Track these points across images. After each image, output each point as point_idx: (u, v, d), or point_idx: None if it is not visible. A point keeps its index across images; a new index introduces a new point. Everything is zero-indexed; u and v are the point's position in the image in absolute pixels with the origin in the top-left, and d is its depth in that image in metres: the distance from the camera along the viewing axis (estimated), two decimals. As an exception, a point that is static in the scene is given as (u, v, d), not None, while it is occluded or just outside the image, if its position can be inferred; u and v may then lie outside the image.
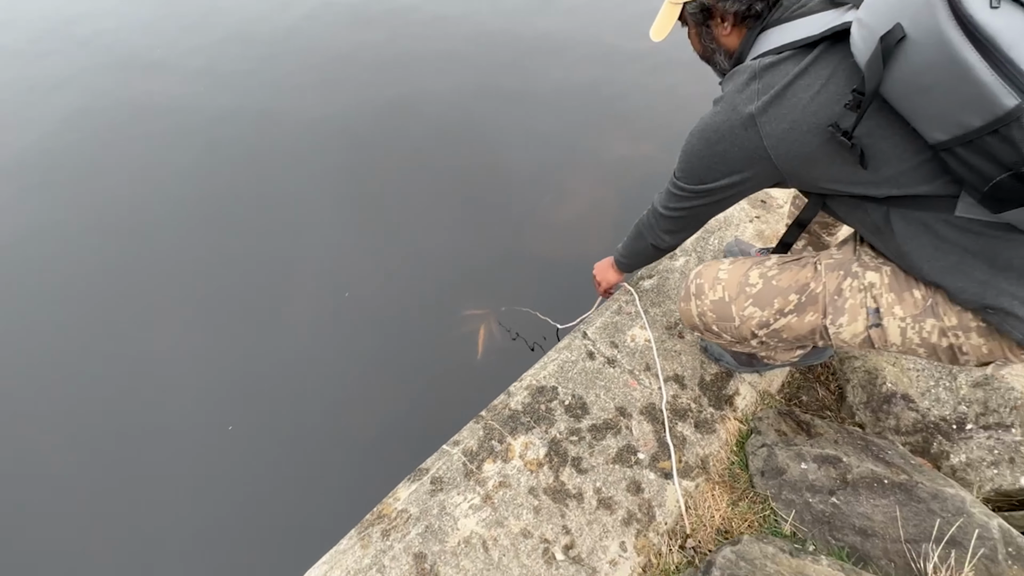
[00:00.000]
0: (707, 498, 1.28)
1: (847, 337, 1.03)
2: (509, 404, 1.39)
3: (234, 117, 3.00)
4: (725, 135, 0.92)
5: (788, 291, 1.06)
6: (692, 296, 1.18)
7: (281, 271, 2.21)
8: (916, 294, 0.94)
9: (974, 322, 0.90)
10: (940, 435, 1.39)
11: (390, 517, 1.17)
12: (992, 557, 1.04)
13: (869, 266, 0.99)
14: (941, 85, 0.67)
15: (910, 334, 0.96)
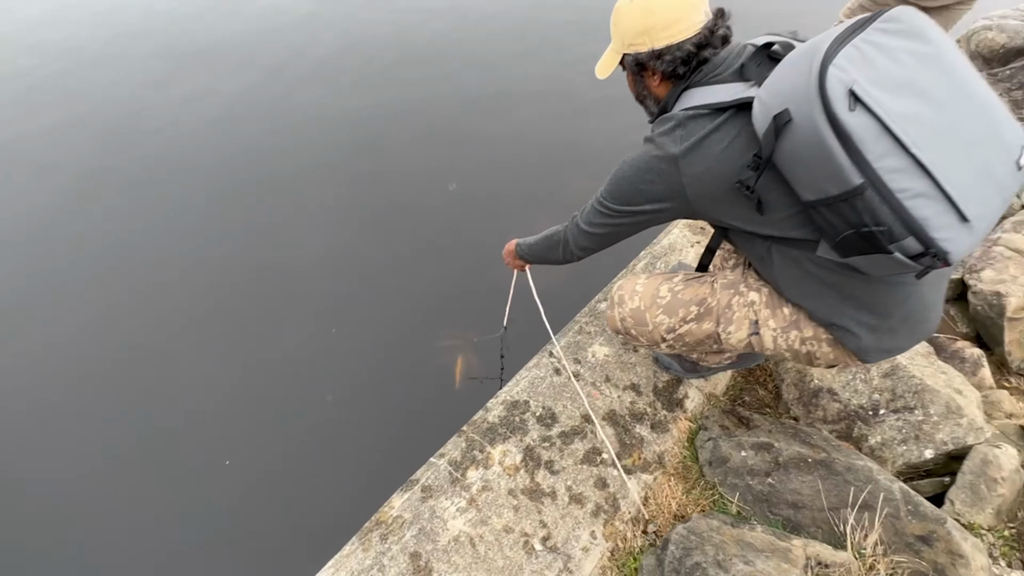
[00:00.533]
0: (664, 488, 1.46)
1: (734, 342, 1.27)
2: (487, 418, 1.56)
3: (209, 162, 3.15)
4: (653, 168, 1.11)
5: (690, 303, 1.30)
6: (615, 305, 1.41)
7: (276, 307, 2.37)
8: (785, 311, 1.19)
9: (825, 335, 1.16)
10: (859, 421, 1.61)
11: (387, 523, 1.32)
12: (895, 515, 1.25)
13: (752, 287, 1.23)
14: (812, 161, 0.87)
15: (779, 341, 1.21)
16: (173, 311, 2.38)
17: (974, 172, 0.84)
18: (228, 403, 2.03)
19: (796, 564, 1.15)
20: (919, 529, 1.20)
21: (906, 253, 0.85)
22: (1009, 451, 1.38)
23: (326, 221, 2.79)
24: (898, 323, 1.09)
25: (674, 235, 2.20)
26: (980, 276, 1.88)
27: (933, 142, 0.82)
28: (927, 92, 0.83)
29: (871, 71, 0.82)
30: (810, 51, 0.85)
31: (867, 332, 1.10)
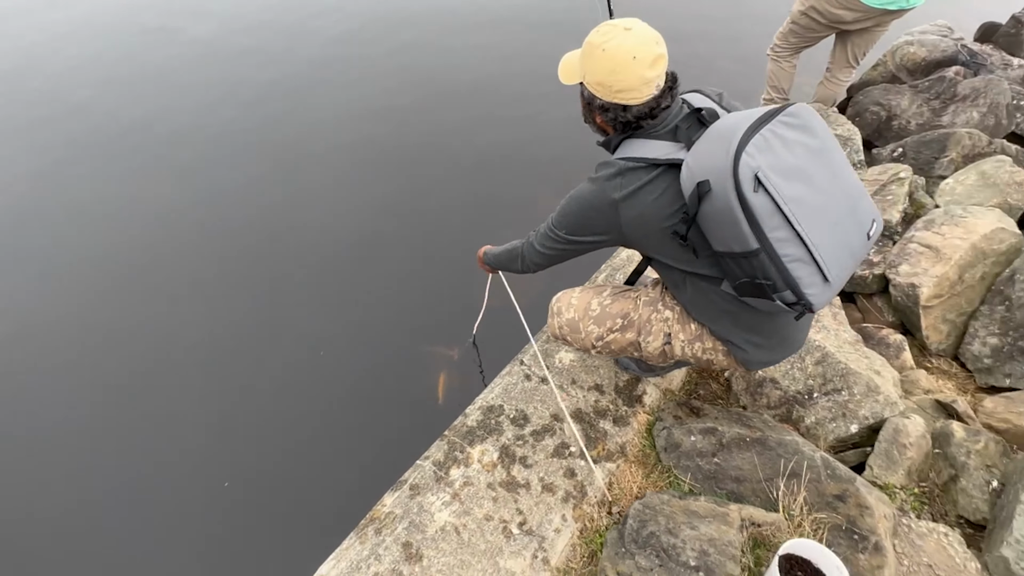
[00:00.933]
0: (626, 474, 1.65)
1: (651, 350, 1.49)
2: (466, 422, 1.74)
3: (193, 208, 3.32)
4: (596, 207, 1.26)
5: (616, 316, 1.51)
6: (554, 315, 1.62)
7: (268, 333, 2.54)
8: (692, 327, 1.43)
9: (721, 348, 1.41)
10: (797, 404, 1.82)
11: (380, 519, 1.49)
12: (817, 479, 1.45)
13: (668, 305, 1.46)
14: (723, 224, 1.07)
15: (686, 350, 1.45)
16: (168, 322, 2.58)
17: (837, 244, 1.09)
18: (228, 423, 2.21)
19: (733, 525, 1.34)
20: (835, 489, 1.41)
21: (784, 301, 1.11)
22: (916, 420, 1.60)
23: (315, 242, 2.98)
24: (775, 343, 1.37)
25: (624, 255, 2.42)
26: (898, 270, 2.12)
27: (810, 220, 1.05)
28: (810, 178, 1.07)
29: (772, 158, 1.03)
30: (729, 135, 1.05)
31: (752, 348, 1.36)
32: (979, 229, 2.06)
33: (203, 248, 2.96)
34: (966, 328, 2.05)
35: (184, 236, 3.04)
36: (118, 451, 2.15)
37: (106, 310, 2.66)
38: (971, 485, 1.52)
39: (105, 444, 2.17)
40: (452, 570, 1.40)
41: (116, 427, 2.22)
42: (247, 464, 2.09)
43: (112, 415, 2.26)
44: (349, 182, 3.38)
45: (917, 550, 1.36)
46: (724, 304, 1.30)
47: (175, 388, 2.34)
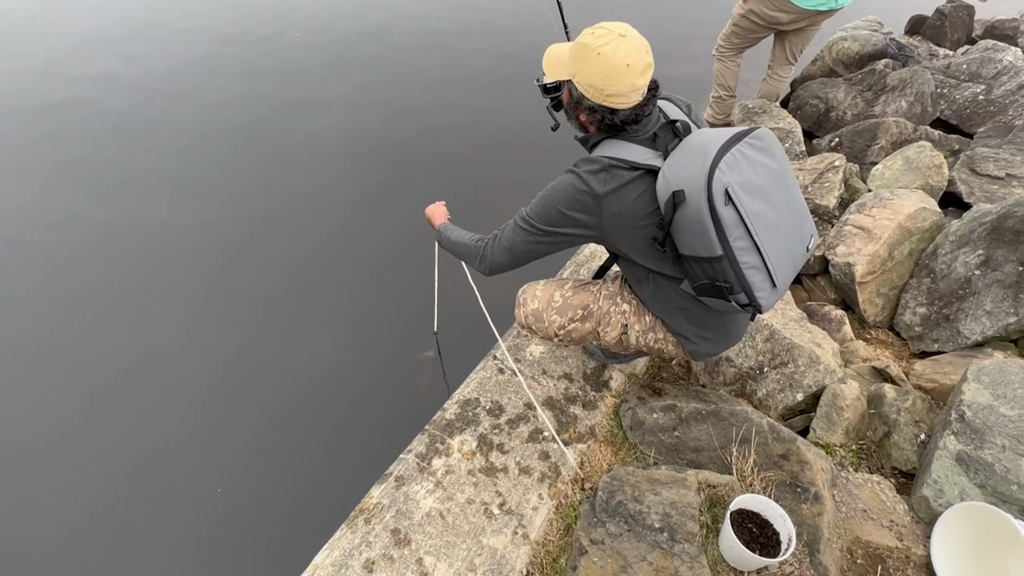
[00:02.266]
0: (596, 453, 1.79)
1: (609, 339, 1.63)
2: (445, 416, 1.85)
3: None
4: (580, 200, 1.30)
5: (577, 307, 1.64)
6: (520, 305, 1.74)
7: (255, 340, 2.62)
8: (647, 319, 1.57)
9: (671, 340, 1.57)
10: (750, 380, 1.98)
11: (368, 509, 1.59)
12: (765, 442, 1.61)
13: (626, 299, 1.60)
14: (693, 231, 1.19)
15: (641, 340, 1.60)
16: (157, 324, 2.66)
17: (784, 254, 1.26)
18: (222, 426, 2.30)
19: (691, 488, 1.48)
20: (780, 449, 1.56)
21: (738, 302, 1.26)
22: (852, 384, 1.77)
23: (298, 244, 3.05)
24: (720, 337, 1.54)
25: (593, 246, 2.57)
26: (835, 251, 2.31)
27: (766, 233, 1.20)
28: (768, 196, 1.21)
29: (740, 175, 1.16)
30: (704, 151, 1.17)
31: (700, 341, 1.52)
32: (904, 209, 2.27)
33: (189, 250, 3.05)
34: (898, 300, 2.25)
35: (170, 236, 3.11)
36: (108, 453, 2.22)
37: (94, 308, 2.73)
38: (902, 439, 1.70)
39: (95, 447, 2.24)
40: (439, 551, 1.51)
41: (106, 428, 2.29)
42: (238, 467, 2.17)
43: (102, 416, 2.33)
44: (330, 180, 3.48)
45: (853, 498, 1.52)
46: (681, 301, 1.45)
47: (165, 392, 2.41)
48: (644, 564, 1.38)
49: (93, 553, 1.98)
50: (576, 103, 1.33)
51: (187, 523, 2.04)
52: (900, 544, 1.41)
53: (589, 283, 1.70)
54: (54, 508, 2.09)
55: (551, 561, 1.51)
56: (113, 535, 2.02)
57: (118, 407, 2.37)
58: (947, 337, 2.06)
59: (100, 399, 2.40)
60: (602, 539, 1.46)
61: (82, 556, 1.97)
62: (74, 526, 2.04)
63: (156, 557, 1.96)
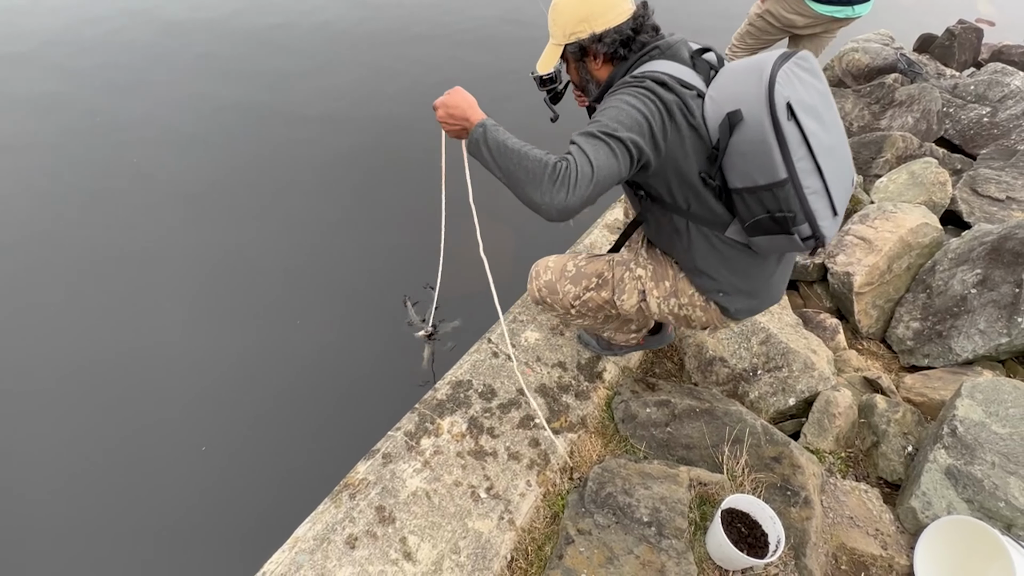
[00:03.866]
0: (586, 444, 1.77)
1: (628, 308, 1.54)
2: (436, 396, 1.82)
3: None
4: (652, 110, 1.12)
5: (591, 276, 1.58)
6: (533, 279, 1.69)
7: (246, 303, 2.55)
8: (665, 284, 1.47)
9: (699, 302, 1.43)
10: (743, 381, 1.98)
11: (354, 485, 1.56)
12: (757, 444, 1.61)
13: (640, 265, 1.52)
14: (751, 154, 1.08)
15: (663, 307, 1.50)
16: (148, 290, 2.59)
17: (840, 181, 1.16)
18: (211, 389, 2.25)
19: (682, 484, 1.48)
20: (773, 452, 1.56)
21: (800, 236, 1.14)
22: (845, 392, 1.77)
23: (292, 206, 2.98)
24: (762, 290, 1.41)
25: (594, 235, 2.55)
26: (836, 260, 2.31)
27: (825, 156, 1.10)
28: (821, 117, 1.11)
29: (796, 93, 1.06)
30: (756, 68, 1.08)
31: (741, 297, 1.39)
32: (907, 224, 2.27)
33: (181, 215, 2.96)
34: (893, 313, 2.26)
35: (162, 198, 3.03)
36: (95, 413, 2.16)
37: (82, 273, 2.65)
38: (890, 450, 1.71)
39: (82, 408, 2.18)
40: (424, 531, 1.48)
41: (93, 389, 2.23)
42: (225, 429, 2.13)
43: (88, 378, 2.27)
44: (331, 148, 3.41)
45: (841, 504, 1.53)
46: (725, 250, 1.31)
47: (154, 356, 2.35)
48: (631, 557, 1.37)
49: (77, 505, 1.93)
50: (581, 59, 1.31)
51: (169, 479, 2.00)
52: (884, 553, 1.42)
53: (603, 254, 1.64)
54: (39, 464, 2.03)
55: (536, 548, 1.50)
56: (98, 484, 1.98)
57: (108, 362, 2.31)
58: (938, 353, 2.07)
59: (90, 354, 2.34)
60: (589, 529, 1.45)
61: (66, 510, 1.92)
62: (60, 480, 1.99)
63: (134, 511, 1.92)
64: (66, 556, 1.82)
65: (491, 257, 1.60)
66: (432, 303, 2.31)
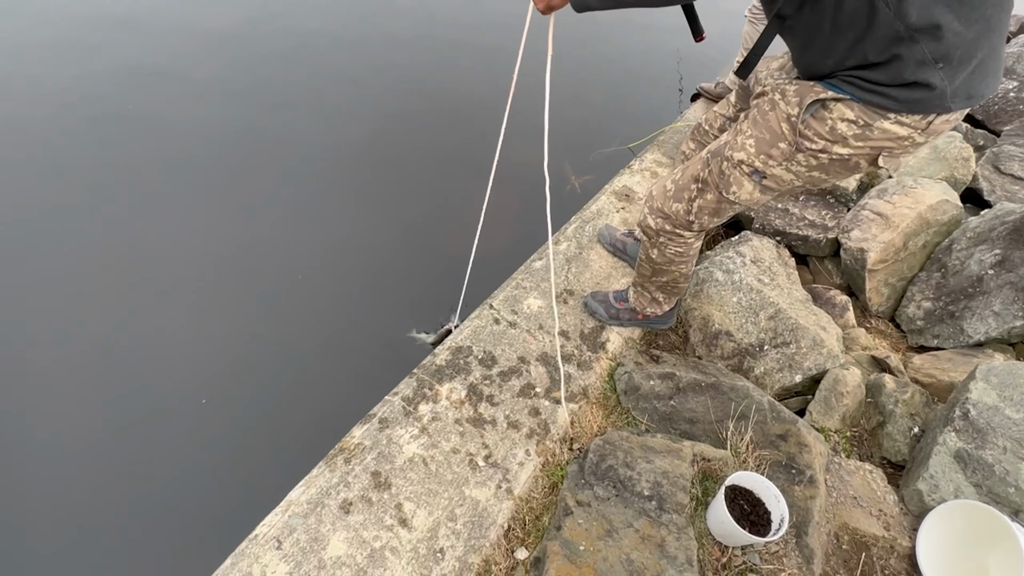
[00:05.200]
0: (587, 415, 1.74)
1: (745, 197, 1.34)
2: (435, 362, 1.77)
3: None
4: None
5: (689, 184, 1.42)
6: (647, 216, 1.56)
7: (250, 254, 2.48)
8: (781, 146, 1.21)
9: (850, 131, 1.11)
10: (749, 356, 1.94)
11: (349, 449, 1.52)
12: (763, 421, 1.57)
13: (735, 148, 1.29)
14: None
15: (792, 170, 1.23)
16: (151, 238, 2.51)
17: None
18: (208, 345, 2.19)
19: (685, 459, 1.44)
20: (779, 429, 1.53)
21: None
22: (854, 371, 1.73)
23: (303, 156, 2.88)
24: (977, 67, 1.02)
25: (601, 201, 2.46)
26: (850, 235, 2.24)
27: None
28: None
29: None
30: None
31: (960, 69, 1.00)
32: (926, 200, 2.19)
33: (185, 149, 2.88)
34: (904, 292, 2.20)
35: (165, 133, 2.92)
36: (94, 362, 2.12)
37: (83, 223, 2.56)
38: (896, 430, 1.68)
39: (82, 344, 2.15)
40: (420, 498, 1.46)
41: (95, 339, 2.18)
42: (225, 383, 2.09)
43: (91, 327, 2.21)
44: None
45: (845, 484, 1.50)
46: None
47: (155, 306, 2.30)
48: (630, 530, 1.35)
49: (76, 450, 1.91)
50: None
51: (167, 429, 1.96)
52: (887, 534, 1.40)
53: (695, 154, 1.46)
54: (36, 415, 1.99)
55: (534, 519, 1.48)
56: (96, 424, 1.96)
57: (107, 308, 2.26)
58: (949, 334, 2.03)
59: (89, 299, 2.28)
60: (589, 501, 1.42)
61: (66, 455, 1.90)
62: (57, 427, 1.96)
63: (130, 457, 1.90)
64: (59, 504, 1.80)
65: (494, 222, 1.53)
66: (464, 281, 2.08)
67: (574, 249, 2.21)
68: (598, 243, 2.27)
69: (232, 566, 1.27)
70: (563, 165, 3.09)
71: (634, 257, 2.17)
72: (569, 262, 2.15)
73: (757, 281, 2.06)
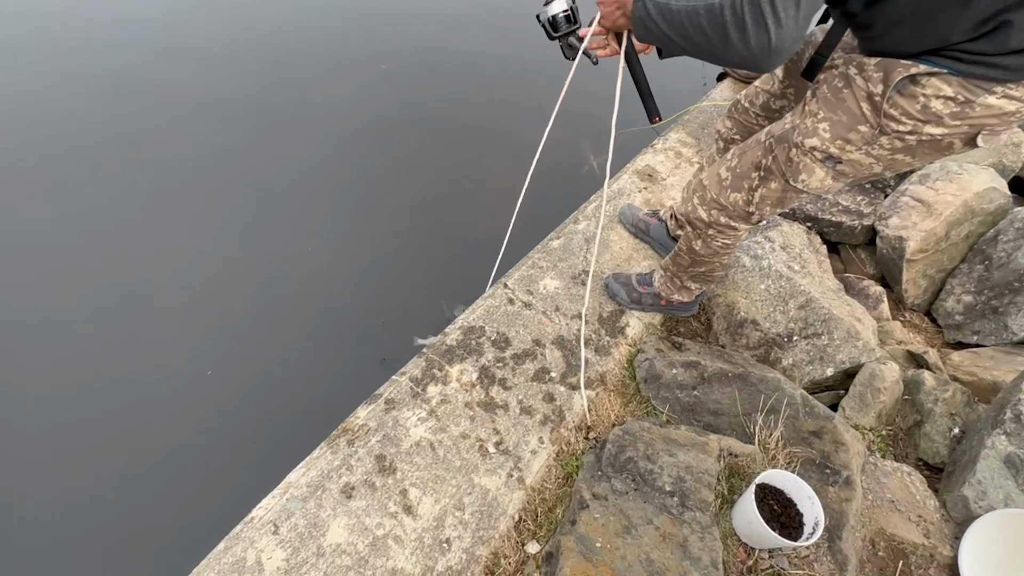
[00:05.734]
0: (605, 402, 1.64)
1: (816, 185, 1.18)
2: (445, 341, 1.68)
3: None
4: None
5: (749, 172, 1.28)
6: (698, 207, 1.41)
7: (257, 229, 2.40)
8: (862, 129, 1.06)
9: (947, 109, 0.96)
10: (776, 347, 1.83)
11: (353, 430, 1.44)
12: (795, 416, 1.47)
13: (807, 131, 1.13)
14: None
15: (873, 154, 1.09)
16: (157, 217, 2.43)
17: None
18: (214, 319, 2.13)
19: (711, 454, 1.35)
20: (812, 426, 1.43)
21: None
22: (892, 366, 1.62)
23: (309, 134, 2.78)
24: None
25: (623, 180, 2.34)
26: (887, 223, 2.11)
27: None
28: None
29: None
30: None
31: None
32: (972, 187, 2.05)
33: (189, 128, 2.79)
34: (943, 285, 2.08)
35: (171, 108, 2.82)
36: (100, 337, 2.06)
37: (87, 202, 2.47)
38: (934, 430, 1.57)
39: (90, 315, 2.09)
40: (426, 484, 1.37)
41: (101, 315, 2.12)
42: (231, 356, 2.03)
43: (97, 304, 2.15)
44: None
45: (882, 487, 1.40)
46: None
47: (162, 284, 2.23)
48: (650, 528, 1.26)
49: (70, 428, 1.85)
50: None
51: (171, 402, 1.91)
52: (926, 541, 1.30)
53: (752, 138, 1.32)
54: (41, 390, 1.93)
55: (546, 510, 1.39)
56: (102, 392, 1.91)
57: (113, 291, 2.18)
58: (990, 330, 1.91)
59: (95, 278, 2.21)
60: (606, 495, 1.34)
61: (60, 433, 1.84)
62: (63, 398, 1.90)
63: (136, 427, 1.84)
64: (56, 474, 1.75)
65: (508, 199, 1.43)
66: None
67: (594, 228, 2.10)
68: (619, 223, 2.15)
69: (225, 550, 1.20)
70: (581, 145, 2.96)
71: (657, 239, 2.06)
72: (588, 242, 2.04)
73: (787, 268, 1.94)
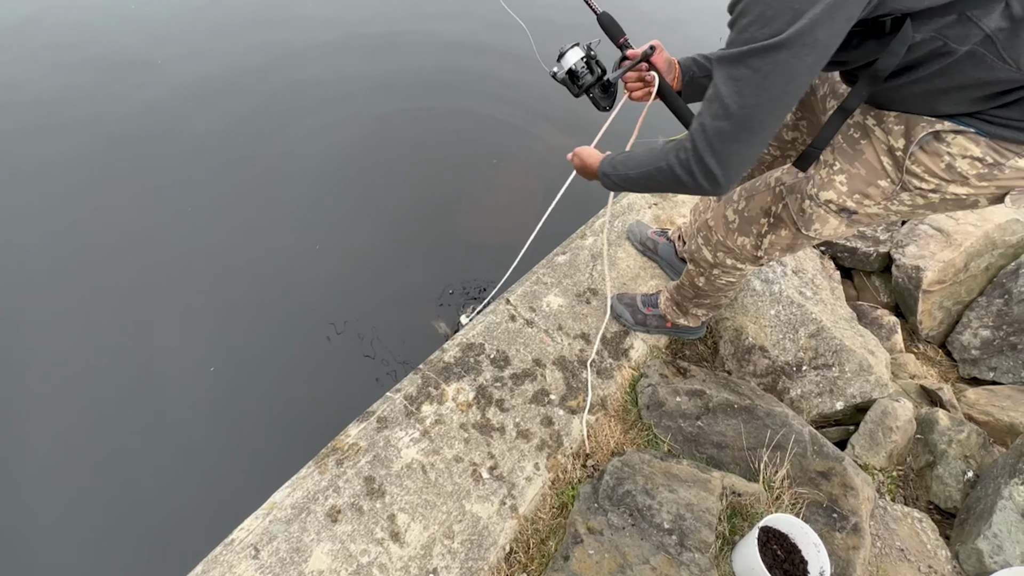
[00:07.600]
0: (604, 428, 1.59)
1: (829, 233, 1.14)
2: (443, 358, 1.63)
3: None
4: None
5: (758, 217, 1.24)
6: (702, 247, 1.39)
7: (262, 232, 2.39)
8: (882, 184, 1.02)
9: (973, 169, 0.91)
10: (784, 376, 1.77)
11: (342, 449, 1.39)
12: (803, 454, 1.41)
13: (820, 185, 1.08)
14: None
15: (892, 208, 1.05)
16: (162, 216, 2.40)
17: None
18: (209, 324, 2.09)
19: (713, 492, 1.29)
20: (821, 466, 1.37)
21: None
22: (906, 404, 1.56)
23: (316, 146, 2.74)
24: None
25: (633, 195, 2.28)
26: (904, 251, 2.04)
27: None
28: None
29: None
30: None
31: None
32: (994, 218, 1.99)
33: (196, 132, 2.74)
34: (959, 317, 2.01)
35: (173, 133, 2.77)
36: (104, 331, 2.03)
37: (95, 199, 2.44)
38: (947, 473, 1.51)
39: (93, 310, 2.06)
40: (416, 509, 1.32)
41: (104, 307, 2.09)
42: (233, 352, 2.00)
43: (100, 297, 2.12)
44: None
45: (891, 533, 1.34)
46: None
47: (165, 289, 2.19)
48: (646, 568, 1.20)
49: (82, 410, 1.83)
50: None
51: (174, 397, 1.88)
52: (937, 595, 1.24)
53: (762, 181, 1.25)
54: (47, 382, 1.90)
55: (539, 541, 1.34)
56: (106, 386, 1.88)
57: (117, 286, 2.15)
58: (1008, 367, 1.84)
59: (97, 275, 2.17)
60: (601, 529, 1.28)
61: (73, 418, 1.81)
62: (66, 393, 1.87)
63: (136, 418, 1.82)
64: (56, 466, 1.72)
65: (520, 210, 1.37)
66: None
67: (602, 244, 2.05)
68: (627, 240, 2.10)
69: (203, 574, 1.15)
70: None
71: (665, 258, 2.00)
72: (595, 258, 1.99)
73: (798, 294, 1.88)
